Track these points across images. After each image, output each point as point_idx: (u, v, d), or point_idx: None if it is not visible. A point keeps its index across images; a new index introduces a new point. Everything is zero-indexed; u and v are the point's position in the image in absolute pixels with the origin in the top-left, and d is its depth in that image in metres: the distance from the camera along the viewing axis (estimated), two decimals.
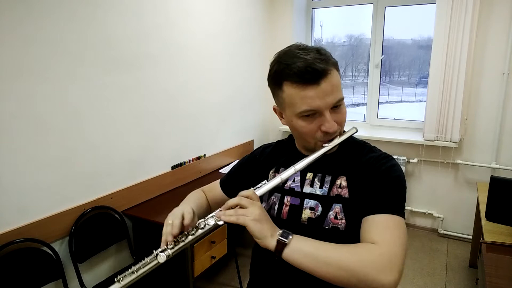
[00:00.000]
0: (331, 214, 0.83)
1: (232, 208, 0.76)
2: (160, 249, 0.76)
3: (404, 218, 0.78)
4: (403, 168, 3.05)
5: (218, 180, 1.12)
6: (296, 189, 0.90)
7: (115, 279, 0.73)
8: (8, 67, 1.51)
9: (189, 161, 2.61)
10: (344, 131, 0.86)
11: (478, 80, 2.76)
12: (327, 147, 0.82)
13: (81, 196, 1.88)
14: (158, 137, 2.33)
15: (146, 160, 2.25)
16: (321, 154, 0.82)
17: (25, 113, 1.59)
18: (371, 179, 0.82)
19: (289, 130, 0.98)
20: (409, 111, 3.73)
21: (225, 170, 2.92)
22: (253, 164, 1.04)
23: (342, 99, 0.81)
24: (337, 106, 0.80)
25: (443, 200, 3.07)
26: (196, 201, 1.00)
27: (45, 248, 1.69)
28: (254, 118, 3.41)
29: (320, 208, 0.85)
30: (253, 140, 3.43)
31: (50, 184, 1.72)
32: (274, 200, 0.92)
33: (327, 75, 0.76)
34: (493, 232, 1.83)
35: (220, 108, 2.93)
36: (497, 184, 1.91)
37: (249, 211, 0.74)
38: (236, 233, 2.54)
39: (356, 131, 0.87)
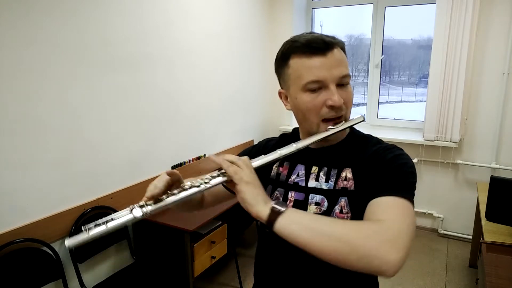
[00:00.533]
0: (337, 208, 0.79)
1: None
2: (138, 204, 0.69)
3: (413, 205, 0.69)
4: None
5: None
6: (300, 183, 0.85)
7: (82, 227, 0.65)
8: (8, 67, 1.51)
9: (189, 161, 2.61)
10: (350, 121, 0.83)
11: (478, 80, 2.76)
12: (332, 130, 0.78)
13: (81, 196, 1.88)
14: (158, 137, 2.33)
15: (146, 160, 2.25)
16: (325, 137, 0.79)
17: (25, 113, 1.59)
18: (377, 167, 0.77)
19: (290, 130, 0.96)
20: (409, 111, 3.73)
21: None
22: (256, 156, 1.00)
23: (349, 76, 0.79)
24: (343, 85, 0.78)
25: (443, 200, 3.07)
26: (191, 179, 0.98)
27: (45, 248, 1.69)
28: (254, 118, 3.41)
29: (326, 203, 0.80)
30: (253, 140, 3.43)
31: (50, 184, 1.72)
32: (278, 195, 0.87)
33: (333, 48, 0.77)
34: (493, 232, 1.83)
35: (220, 108, 2.92)
36: (497, 184, 1.91)
37: (242, 171, 0.70)
38: (236, 233, 2.54)
39: (363, 120, 0.84)
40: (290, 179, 0.87)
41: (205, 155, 2.78)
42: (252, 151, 0.99)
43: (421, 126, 3.02)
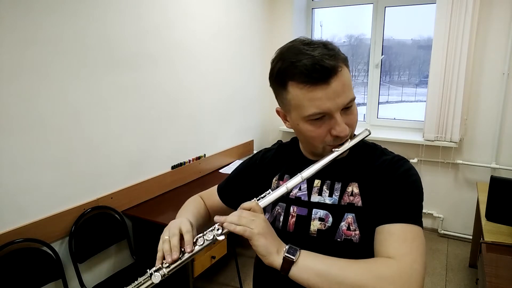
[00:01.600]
0: (343, 225, 0.75)
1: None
2: (154, 268, 0.71)
3: (422, 227, 0.70)
4: None
5: (216, 186, 1.03)
6: (303, 198, 0.82)
7: None
8: (8, 67, 1.51)
9: (189, 161, 2.61)
10: (355, 135, 0.79)
11: (478, 80, 2.76)
12: (337, 152, 0.74)
13: (81, 196, 1.88)
14: (158, 137, 2.33)
15: (146, 160, 2.25)
16: (331, 160, 0.75)
17: (25, 113, 1.59)
18: (386, 184, 0.75)
19: (290, 130, 0.95)
20: (409, 111, 3.73)
21: (225, 170, 2.92)
22: (253, 171, 0.95)
23: (354, 99, 0.73)
24: (348, 107, 0.72)
25: (443, 200, 3.07)
26: (194, 210, 0.94)
27: (45, 248, 1.69)
28: (254, 118, 3.41)
29: (330, 219, 0.77)
30: (253, 140, 3.43)
31: (50, 184, 1.72)
32: (279, 210, 0.84)
33: (337, 73, 0.68)
34: (493, 232, 1.83)
35: (220, 108, 2.93)
36: (497, 184, 1.91)
37: (254, 223, 0.68)
38: (236, 234, 2.53)
39: (369, 134, 0.79)
40: (291, 194, 0.83)
41: (205, 155, 2.78)
42: (250, 164, 0.97)
43: (421, 126, 3.02)
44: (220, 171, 2.89)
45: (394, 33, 3.31)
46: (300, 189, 0.83)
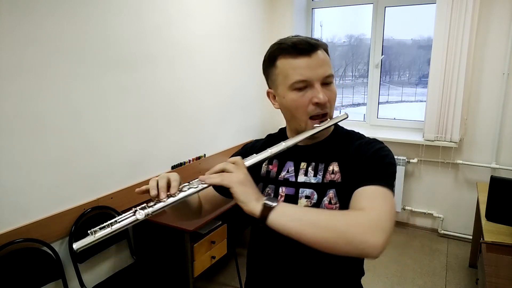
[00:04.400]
0: (326, 199, 0.84)
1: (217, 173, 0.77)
2: (140, 207, 0.74)
3: (393, 193, 0.78)
4: (403, 168, 3.05)
5: None
6: (290, 179, 0.90)
7: (88, 231, 0.71)
8: (8, 67, 1.51)
9: (189, 161, 2.61)
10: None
11: (478, 80, 2.76)
12: (318, 128, 0.84)
13: (81, 196, 1.88)
14: (158, 137, 2.33)
15: (146, 160, 2.25)
16: (313, 134, 0.84)
17: (25, 113, 1.59)
18: (361, 160, 0.83)
19: None
20: (409, 111, 3.73)
21: None
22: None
23: (332, 76, 0.85)
24: (327, 84, 0.84)
25: (443, 200, 3.07)
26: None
27: (45, 248, 1.70)
28: (254, 118, 3.41)
29: (315, 196, 0.86)
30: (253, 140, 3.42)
31: (50, 184, 1.72)
32: (269, 191, 0.92)
33: (317, 50, 0.82)
34: (493, 232, 1.83)
35: (220, 108, 2.93)
36: (497, 184, 1.91)
37: (234, 174, 0.74)
38: (236, 233, 2.54)
39: (347, 117, 0.89)
40: (280, 176, 0.92)
41: (205, 155, 2.78)
42: (241, 153, 1.04)
43: (421, 126, 3.02)
44: None
45: (394, 33, 3.31)
46: (288, 171, 0.92)
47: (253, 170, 0.94)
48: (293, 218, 0.70)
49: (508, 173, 2.73)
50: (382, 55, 3.27)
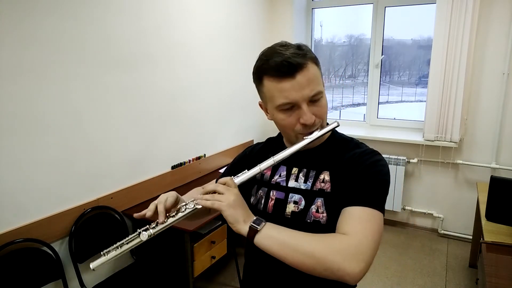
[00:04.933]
0: (313, 208, 0.85)
1: (209, 194, 0.80)
2: (143, 228, 0.80)
3: (383, 213, 0.78)
4: (403, 168, 3.05)
5: (214, 180, 1.12)
6: (281, 183, 0.92)
7: (101, 253, 0.78)
8: (8, 67, 1.51)
9: (189, 161, 2.61)
10: (328, 124, 0.87)
11: (478, 80, 2.76)
12: (307, 140, 0.83)
13: (81, 196, 1.88)
14: (158, 137, 2.33)
15: (146, 160, 2.25)
16: (301, 147, 0.83)
17: (25, 113, 1.59)
18: (353, 172, 0.83)
19: None
20: (409, 111, 3.73)
21: None
22: (244, 162, 1.04)
23: (321, 92, 0.82)
24: (316, 100, 0.82)
25: (443, 200, 3.07)
26: (191, 195, 1.03)
27: (45, 248, 1.69)
28: (254, 118, 3.41)
29: (303, 202, 0.87)
30: (253, 140, 3.43)
31: (50, 184, 1.72)
32: (262, 194, 0.94)
33: (302, 68, 0.79)
34: (493, 232, 1.83)
35: (220, 108, 2.93)
36: (497, 184, 1.91)
37: (224, 197, 0.77)
38: (236, 233, 2.54)
39: (338, 125, 0.87)
40: (273, 179, 0.94)
41: (205, 155, 2.78)
42: (241, 156, 1.08)
43: (421, 126, 3.02)
44: (220, 171, 2.89)
45: (394, 33, 3.31)
46: (280, 175, 0.93)
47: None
48: (277, 241, 0.73)
49: (508, 173, 2.73)
50: (382, 55, 3.27)
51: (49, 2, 1.63)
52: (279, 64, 0.79)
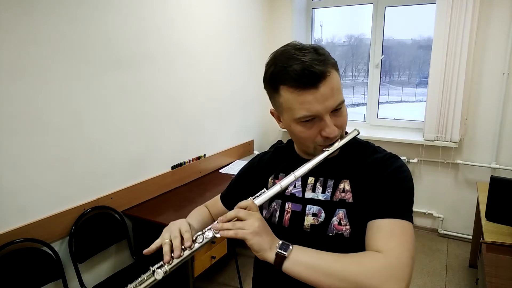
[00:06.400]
0: (335, 220, 0.79)
1: (230, 221, 0.73)
2: (157, 265, 0.75)
3: (412, 223, 0.73)
4: None
5: (219, 194, 1.08)
6: (297, 194, 0.86)
7: None
8: (8, 67, 1.51)
9: (189, 161, 2.61)
10: (346, 132, 0.83)
11: (478, 80, 2.76)
12: (327, 152, 0.78)
13: (81, 196, 1.88)
14: (158, 137, 2.33)
15: (146, 160, 2.25)
16: (322, 159, 0.78)
17: (25, 113, 1.59)
18: (377, 181, 0.78)
19: None
20: (409, 111, 3.73)
21: (225, 170, 2.92)
22: (252, 173, 1.00)
23: (343, 102, 0.77)
24: (337, 110, 0.76)
25: (443, 200, 3.07)
26: (198, 217, 0.99)
27: (45, 248, 1.69)
28: (254, 118, 3.41)
29: (323, 214, 0.80)
30: (253, 140, 3.43)
31: (50, 184, 1.72)
32: (275, 207, 0.88)
33: (326, 77, 0.72)
34: (493, 232, 1.83)
35: (220, 108, 2.93)
36: (497, 184, 1.91)
37: (247, 223, 0.71)
38: None
39: (358, 133, 0.82)
40: (287, 191, 0.87)
41: (205, 155, 2.78)
42: (248, 167, 1.02)
43: (421, 126, 3.02)
44: (220, 171, 2.89)
45: (394, 33, 3.31)
46: (295, 186, 0.87)
47: (259, 184, 0.91)
48: (307, 266, 0.67)
49: (508, 173, 2.73)
50: (382, 55, 3.27)
51: (49, 2, 1.63)
52: (299, 73, 0.70)
